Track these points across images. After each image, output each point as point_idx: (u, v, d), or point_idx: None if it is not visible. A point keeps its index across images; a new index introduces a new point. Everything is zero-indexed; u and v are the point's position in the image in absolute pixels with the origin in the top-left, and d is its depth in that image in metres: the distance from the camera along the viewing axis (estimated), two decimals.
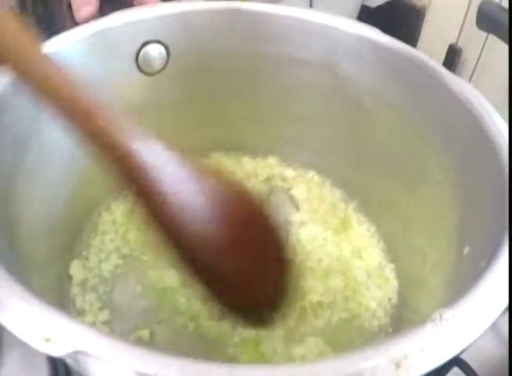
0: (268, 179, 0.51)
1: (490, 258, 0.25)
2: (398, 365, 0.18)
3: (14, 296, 0.21)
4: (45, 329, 0.20)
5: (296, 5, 0.43)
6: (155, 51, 0.42)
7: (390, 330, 0.40)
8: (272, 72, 0.46)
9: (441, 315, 0.20)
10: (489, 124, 0.32)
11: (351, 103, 0.44)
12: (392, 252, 0.45)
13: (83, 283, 0.41)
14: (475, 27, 0.54)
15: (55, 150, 0.38)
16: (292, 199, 0.49)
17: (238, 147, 0.52)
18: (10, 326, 0.20)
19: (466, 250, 0.31)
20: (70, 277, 0.41)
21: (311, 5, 0.60)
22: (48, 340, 0.19)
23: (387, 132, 0.43)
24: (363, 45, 0.41)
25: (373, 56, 0.41)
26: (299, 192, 0.50)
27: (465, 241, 0.32)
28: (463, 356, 0.37)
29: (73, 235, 0.43)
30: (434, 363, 0.19)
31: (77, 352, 0.19)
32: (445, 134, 0.37)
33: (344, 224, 0.47)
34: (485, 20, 0.51)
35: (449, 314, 0.21)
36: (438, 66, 0.37)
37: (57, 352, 0.19)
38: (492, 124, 0.32)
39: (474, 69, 0.62)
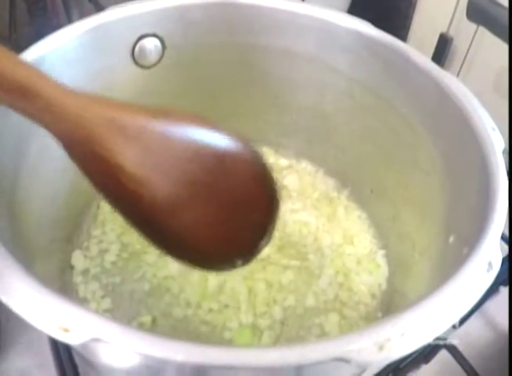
0: None
1: (472, 245, 0.27)
2: (381, 347, 0.20)
3: (30, 288, 0.22)
4: (63, 319, 0.21)
5: None
6: (151, 44, 0.43)
7: (379, 314, 0.42)
8: (265, 64, 0.47)
9: None
10: (474, 117, 0.33)
11: (342, 95, 0.45)
12: (383, 239, 0.47)
13: (85, 273, 0.42)
14: (466, 17, 0.55)
15: (54, 147, 0.39)
16: (285, 188, 0.51)
17: None
18: (28, 317, 0.21)
19: (451, 238, 0.32)
20: (72, 267, 0.42)
21: None
22: (66, 330, 0.20)
23: (378, 123, 0.44)
24: (354, 38, 0.42)
25: (364, 49, 0.41)
26: (292, 181, 0.51)
27: (450, 230, 0.33)
28: (450, 339, 0.39)
29: (73, 226, 0.45)
30: (414, 346, 0.21)
31: (92, 340, 0.20)
32: (433, 126, 0.38)
33: (337, 212, 0.49)
34: (475, 13, 0.51)
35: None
36: (426, 60, 0.38)
37: (75, 341, 0.20)
38: (476, 118, 0.33)
39: (465, 58, 0.63)
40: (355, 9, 0.71)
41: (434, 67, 0.38)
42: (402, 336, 0.21)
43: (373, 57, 0.41)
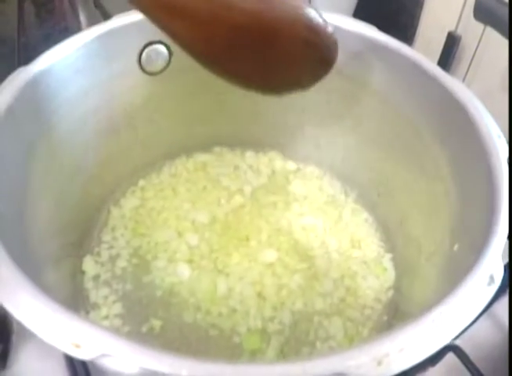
0: (271, 172, 0.53)
1: (475, 256, 0.27)
2: (379, 362, 0.21)
3: (42, 305, 0.23)
4: (74, 336, 0.22)
5: None
6: (157, 51, 0.43)
7: (385, 318, 0.42)
8: None
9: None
10: (480, 125, 0.33)
11: (349, 99, 0.45)
12: (390, 242, 0.47)
13: (96, 278, 0.43)
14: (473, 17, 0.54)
15: (63, 151, 0.40)
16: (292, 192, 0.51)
17: (241, 142, 0.53)
18: (41, 334, 0.22)
19: (456, 246, 0.32)
20: (83, 272, 0.43)
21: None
22: (77, 346, 0.21)
23: (385, 128, 0.44)
24: (360, 42, 0.42)
25: (371, 54, 0.42)
26: (300, 184, 0.51)
27: (455, 238, 0.33)
28: (457, 342, 0.39)
29: (84, 231, 0.45)
30: (412, 361, 0.21)
31: (102, 356, 0.21)
32: (439, 132, 0.38)
33: (344, 215, 0.49)
34: (483, 13, 0.51)
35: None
36: (433, 65, 0.38)
37: (86, 356, 0.21)
38: (483, 125, 0.33)
39: (473, 56, 0.62)
40: (361, 9, 0.71)
41: (440, 73, 0.37)
42: (401, 351, 0.21)
43: (379, 62, 0.41)
